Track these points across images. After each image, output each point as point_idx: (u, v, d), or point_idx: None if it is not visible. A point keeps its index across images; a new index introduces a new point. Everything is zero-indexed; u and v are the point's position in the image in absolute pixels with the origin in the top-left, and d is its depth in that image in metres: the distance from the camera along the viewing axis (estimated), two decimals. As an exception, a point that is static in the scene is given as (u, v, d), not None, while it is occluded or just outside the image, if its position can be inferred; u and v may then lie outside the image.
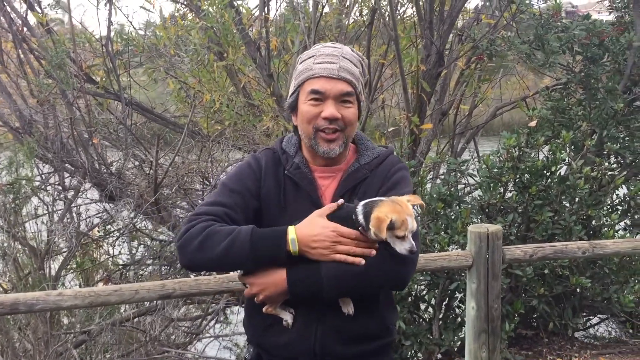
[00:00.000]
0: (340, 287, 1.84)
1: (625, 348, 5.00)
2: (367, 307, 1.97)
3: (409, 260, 1.87)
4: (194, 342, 5.96)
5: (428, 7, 5.68)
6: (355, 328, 1.96)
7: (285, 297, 1.89)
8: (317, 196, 1.99)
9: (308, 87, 1.98)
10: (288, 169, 2.03)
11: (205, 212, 1.94)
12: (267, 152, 2.11)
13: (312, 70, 1.98)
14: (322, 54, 2.01)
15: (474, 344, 3.33)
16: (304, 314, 1.94)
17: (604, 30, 5.57)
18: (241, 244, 1.83)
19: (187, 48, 6.50)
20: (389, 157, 2.09)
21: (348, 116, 1.98)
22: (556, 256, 3.62)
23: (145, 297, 2.99)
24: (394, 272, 1.87)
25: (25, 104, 6.21)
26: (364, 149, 2.10)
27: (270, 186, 2.02)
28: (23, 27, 6.29)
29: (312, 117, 1.97)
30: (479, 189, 4.85)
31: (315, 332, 1.94)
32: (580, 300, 4.97)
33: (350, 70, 1.99)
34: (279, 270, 1.86)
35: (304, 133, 2.02)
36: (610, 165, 5.70)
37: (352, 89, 1.99)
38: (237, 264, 1.90)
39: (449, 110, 6.90)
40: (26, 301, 2.78)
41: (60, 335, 4.91)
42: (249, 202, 1.99)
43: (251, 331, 2.08)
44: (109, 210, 6.15)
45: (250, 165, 2.07)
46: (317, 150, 1.99)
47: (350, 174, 2.03)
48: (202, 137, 6.45)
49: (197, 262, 1.90)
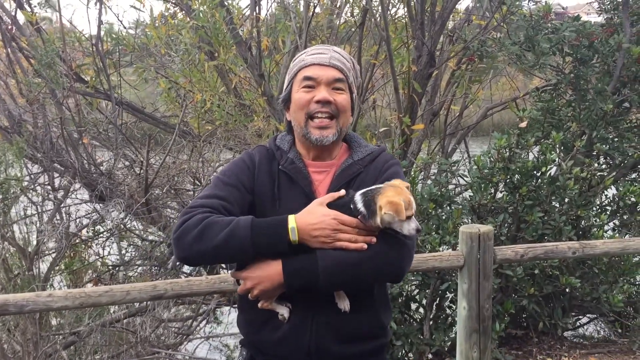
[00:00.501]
0: (337, 277, 1.82)
1: (614, 347, 5.04)
2: (363, 304, 1.96)
3: (406, 251, 1.87)
4: (185, 342, 5.94)
5: (419, 7, 5.69)
6: (350, 325, 1.94)
7: (280, 290, 1.86)
8: (311, 190, 1.99)
9: (301, 76, 2.02)
10: (282, 163, 2.03)
11: (201, 204, 1.92)
12: (261, 149, 2.12)
13: (305, 61, 2.03)
14: (313, 49, 2.07)
15: (465, 343, 3.34)
16: (298, 309, 1.92)
17: (594, 32, 5.61)
18: (241, 234, 1.81)
19: (178, 47, 6.48)
20: (382, 154, 2.11)
21: (340, 101, 2.00)
22: (547, 256, 3.64)
23: (136, 297, 2.97)
24: (391, 263, 1.85)
25: (15, 103, 6.16)
26: (356, 146, 2.12)
27: (264, 181, 2.02)
28: (12, 25, 6.25)
29: (305, 102, 1.99)
30: (469, 190, 4.87)
31: (310, 328, 1.92)
32: (570, 300, 5.01)
33: (341, 60, 2.03)
34: (274, 263, 1.83)
35: (296, 122, 2.03)
36: (600, 166, 5.75)
37: (343, 76, 2.02)
38: (237, 254, 1.85)
39: (439, 110, 6.91)
40: (16, 302, 2.76)
41: (50, 337, 4.87)
42: (244, 195, 1.98)
43: (245, 329, 2.05)
44: (99, 210, 6.11)
45: (244, 160, 2.07)
46: (309, 138, 2.00)
47: (344, 169, 2.03)
48: (193, 137, 6.43)
49: (195, 254, 1.85)
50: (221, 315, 6.49)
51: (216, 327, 6.40)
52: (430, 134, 6.79)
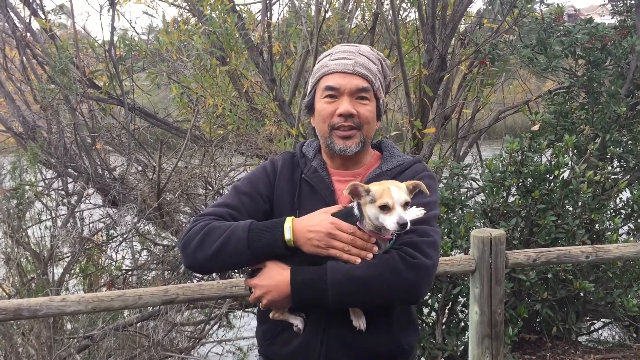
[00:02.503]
0: (347, 292, 1.73)
1: (629, 352, 4.99)
2: (380, 322, 1.87)
3: (423, 271, 1.74)
4: (197, 346, 5.97)
5: (430, 11, 5.68)
6: (365, 343, 1.85)
7: (289, 302, 1.81)
8: (332, 200, 1.94)
9: (323, 84, 1.95)
10: (305, 172, 2.00)
11: (208, 213, 1.93)
12: (286, 155, 2.09)
13: (328, 67, 1.95)
14: (338, 51, 1.99)
15: (477, 348, 3.33)
16: (311, 322, 1.87)
17: (607, 34, 5.57)
18: (238, 236, 1.80)
19: (190, 53, 6.52)
20: (414, 165, 2.01)
21: (364, 113, 1.93)
22: (559, 261, 3.61)
23: (148, 302, 2.99)
24: (406, 283, 1.74)
25: (29, 109, 6.23)
26: (389, 156, 2.05)
27: (285, 189, 1.99)
28: (26, 32, 6.31)
29: (327, 115, 1.93)
30: (481, 193, 4.85)
31: (321, 343, 1.86)
32: (584, 305, 4.96)
33: (366, 65, 1.94)
34: (284, 272, 1.78)
35: (320, 132, 1.99)
36: (614, 169, 5.71)
37: (368, 85, 1.94)
38: (235, 257, 1.82)
39: (451, 114, 6.89)
40: (29, 307, 2.79)
41: (64, 340, 4.91)
42: (258, 204, 1.95)
43: (260, 340, 2.02)
44: (112, 215, 6.16)
45: (265, 168, 2.05)
46: (332, 148, 1.95)
47: (370, 180, 1.95)
48: (204, 141, 6.46)
49: (200, 261, 1.84)
50: (234, 319, 6.50)
51: (229, 331, 6.42)
52: (442, 138, 6.76)
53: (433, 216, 1.88)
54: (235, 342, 6.25)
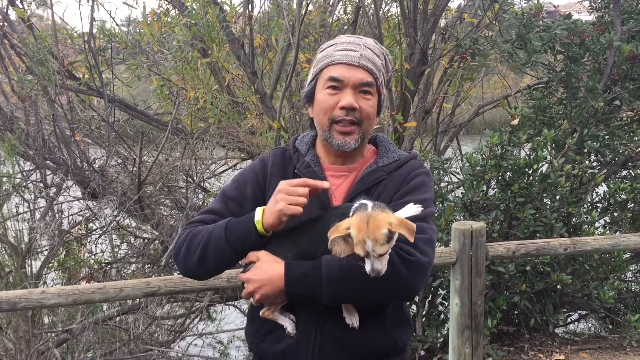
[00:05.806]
0: (342, 288, 1.70)
1: (605, 344, 5.08)
2: (373, 320, 1.84)
3: (419, 269, 1.73)
4: (178, 340, 5.94)
5: (412, 5, 5.70)
6: (358, 342, 1.82)
7: (283, 298, 1.76)
8: (326, 196, 1.89)
9: (327, 74, 1.89)
10: (298, 167, 1.95)
11: (196, 220, 1.94)
12: (276, 152, 2.04)
13: (332, 57, 1.89)
14: (343, 42, 1.93)
15: (457, 340, 3.37)
16: (304, 320, 1.83)
17: (585, 30, 5.64)
18: (217, 233, 1.80)
19: (171, 45, 6.47)
20: (410, 161, 1.97)
21: (366, 108, 1.88)
22: (538, 253, 3.67)
23: (130, 294, 2.98)
24: (403, 281, 1.72)
25: (7, 100, 6.13)
26: (384, 152, 2.00)
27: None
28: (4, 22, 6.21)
29: (329, 107, 1.88)
30: (462, 187, 4.90)
31: (313, 342, 1.81)
32: (561, 297, 5.05)
33: (372, 59, 1.89)
34: (277, 266, 1.74)
35: (319, 124, 1.93)
36: (591, 163, 5.79)
37: (372, 79, 1.89)
38: (218, 256, 1.81)
39: (432, 108, 6.93)
40: (8, 299, 2.76)
41: (42, 334, 4.85)
42: (245, 208, 1.91)
43: (251, 338, 1.97)
44: (91, 207, 6.10)
45: (253, 168, 2.01)
46: (331, 143, 1.90)
47: (365, 175, 1.92)
48: (185, 134, 6.42)
49: (190, 267, 1.86)
50: (214, 313, 6.50)
51: (209, 324, 6.41)
52: (423, 132, 6.81)
53: (429, 213, 1.86)
54: (215, 335, 6.24)
